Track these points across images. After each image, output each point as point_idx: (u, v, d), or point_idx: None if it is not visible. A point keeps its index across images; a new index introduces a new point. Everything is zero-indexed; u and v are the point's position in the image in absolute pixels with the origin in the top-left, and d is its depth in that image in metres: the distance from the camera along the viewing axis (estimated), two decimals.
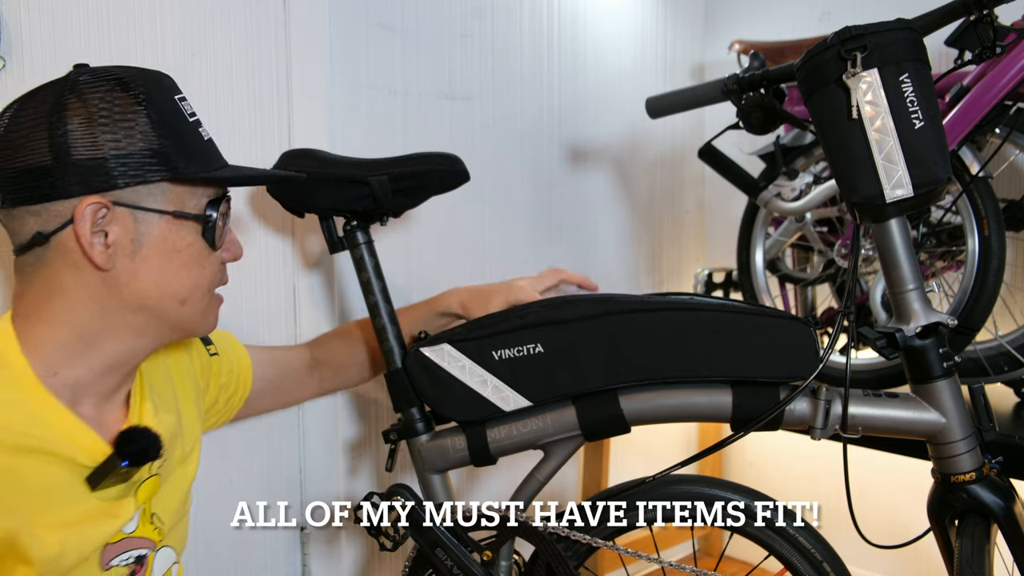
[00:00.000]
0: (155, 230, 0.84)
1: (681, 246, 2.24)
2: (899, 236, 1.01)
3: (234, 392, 1.15)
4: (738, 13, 2.19)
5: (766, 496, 1.13)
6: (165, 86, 0.86)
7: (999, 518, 1.02)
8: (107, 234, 0.81)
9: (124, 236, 0.82)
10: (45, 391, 0.81)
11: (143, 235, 0.83)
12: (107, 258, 0.81)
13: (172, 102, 0.85)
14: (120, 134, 0.79)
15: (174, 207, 0.84)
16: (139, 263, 0.83)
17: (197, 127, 0.87)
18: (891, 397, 1.04)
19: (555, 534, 1.11)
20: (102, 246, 0.81)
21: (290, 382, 1.25)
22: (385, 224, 1.23)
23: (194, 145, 0.85)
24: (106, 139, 0.79)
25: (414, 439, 1.19)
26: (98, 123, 0.79)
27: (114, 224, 0.81)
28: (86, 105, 0.79)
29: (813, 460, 2.04)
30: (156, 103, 0.82)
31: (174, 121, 0.83)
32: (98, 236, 0.81)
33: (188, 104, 0.87)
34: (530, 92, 1.82)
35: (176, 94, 0.86)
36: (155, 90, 0.83)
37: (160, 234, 0.84)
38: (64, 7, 1.16)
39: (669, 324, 1.07)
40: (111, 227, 0.81)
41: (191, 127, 0.86)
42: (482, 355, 1.11)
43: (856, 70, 0.95)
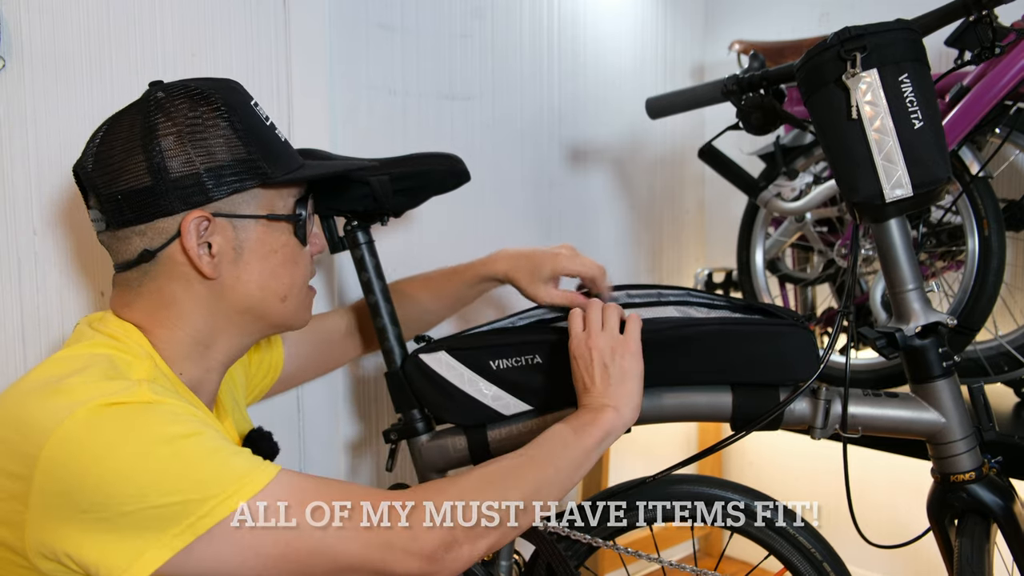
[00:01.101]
0: (253, 235, 0.87)
1: (681, 246, 2.24)
2: (899, 236, 1.01)
3: (266, 374, 1.17)
4: (738, 13, 2.19)
5: (766, 496, 1.13)
6: (240, 93, 0.88)
7: (999, 518, 1.02)
8: (211, 244, 0.84)
9: (227, 244, 0.86)
10: (183, 385, 0.86)
11: (243, 241, 0.87)
12: (214, 267, 0.85)
13: (250, 108, 0.88)
14: (210, 147, 0.82)
15: (267, 211, 0.88)
16: (242, 268, 0.87)
17: (274, 130, 0.90)
18: (891, 397, 1.04)
19: (555, 534, 1.11)
20: (208, 256, 0.85)
21: (329, 348, 1.26)
22: (386, 224, 1.23)
23: (276, 148, 0.88)
24: (198, 154, 0.82)
25: (414, 439, 1.19)
26: (188, 139, 0.82)
27: (216, 234, 0.84)
28: (174, 123, 0.82)
29: (813, 460, 2.04)
30: (237, 112, 0.85)
31: (255, 127, 0.86)
32: (203, 247, 0.84)
33: (262, 108, 0.90)
34: (530, 92, 1.82)
35: (250, 100, 0.89)
36: (233, 99, 0.86)
37: (258, 238, 0.87)
38: (64, 7, 1.16)
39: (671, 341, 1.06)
40: (214, 237, 0.84)
41: (269, 131, 0.89)
42: (480, 365, 1.11)
43: (856, 70, 0.95)
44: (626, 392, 0.97)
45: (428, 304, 1.28)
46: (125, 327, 0.86)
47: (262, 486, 0.74)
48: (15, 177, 1.14)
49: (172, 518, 0.70)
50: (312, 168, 0.93)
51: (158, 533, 0.69)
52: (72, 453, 0.69)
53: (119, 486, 0.69)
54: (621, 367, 0.98)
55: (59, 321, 1.18)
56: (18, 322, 1.15)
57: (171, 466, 0.71)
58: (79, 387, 0.74)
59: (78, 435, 0.70)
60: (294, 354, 1.20)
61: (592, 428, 0.94)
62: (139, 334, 0.85)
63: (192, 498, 0.71)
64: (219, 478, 0.73)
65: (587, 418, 0.95)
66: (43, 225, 1.16)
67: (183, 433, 0.74)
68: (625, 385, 0.97)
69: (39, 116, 1.15)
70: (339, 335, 1.26)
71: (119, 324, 0.86)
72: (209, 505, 0.71)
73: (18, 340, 1.15)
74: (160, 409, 0.75)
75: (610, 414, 0.95)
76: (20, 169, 1.14)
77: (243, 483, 0.73)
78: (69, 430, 0.70)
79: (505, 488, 0.86)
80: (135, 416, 0.73)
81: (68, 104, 1.17)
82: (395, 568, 0.78)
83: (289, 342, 1.19)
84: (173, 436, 0.73)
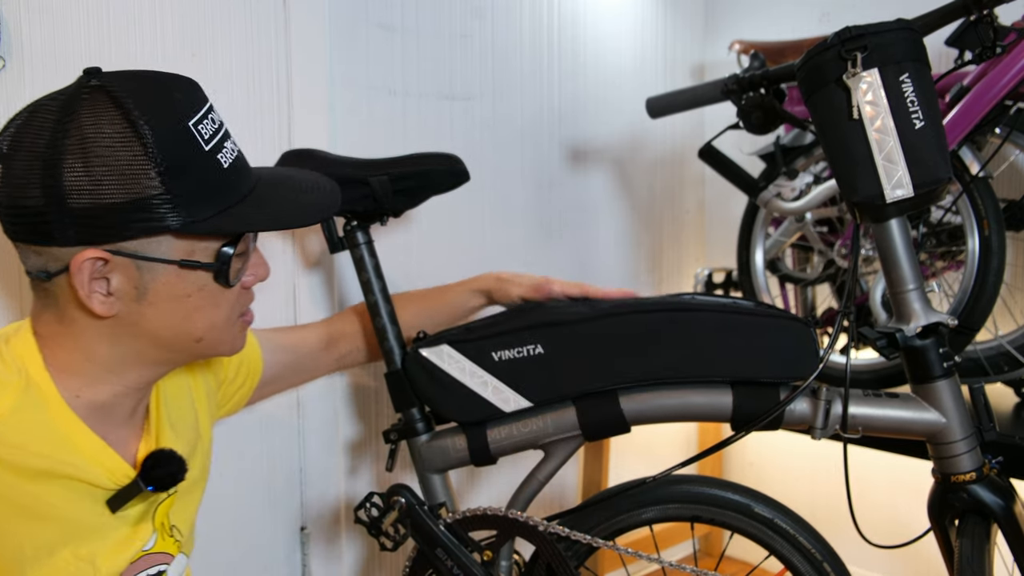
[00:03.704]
0: (161, 278, 0.78)
1: (681, 246, 2.24)
2: (899, 236, 1.01)
3: (243, 383, 1.13)
4: (738, 13, 2.19)
5: (766, 496, 1.13)
6: (178, 107, 0.76)
7: (999, 518, 1.02)
8: (109, 281, 0.76)
9: (127, 284, 0.77)
10: (71, 412, 0.79)
11: (148, 283, 0.77)
12: (108, 307, 0.77)
13: (184, 131, 0.75)
14: (119, 180, 0.72)
15: (181, 255, 0.78)
16: (146, 307, 0.79)
17: (215, 154, 0.78)
18: (891, 397, 1.04)
19: (555, 534, 1.11)
20: (103, 295, 0.76)
21: (306, 361, 1.23)
22: (385, 224, 1.23)
23: (207, 182, 0.77)
24: (106, 185, 0.72)
25: (414, 439, 1.19)
26: (96, 165, 0.72)
27: (116, 273, 0.76)
28: (84, 140, 0.72)
29: (813, 460, 2.04)
30: (162, 139, 0.73)
31: (183, 158, 0.75)
32: (100, 283, 0.76)
33: (209, 123, 0.78)
34: (530, 92, 1.82)
35: (191, 116, 0.77)
36: (163, 118, 0.75)
37: (167, 281, 0.78)
38: (64, 7, 1.16)
39: (669, 325, 1.07)
40: (113, 275, 0.76)
41: (206, 158, 0.77)
42: (482, 356, 1.11)
43: (856, 70, 0.95)
44: None
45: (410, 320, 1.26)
46: (25, 345, 0.79)
47: None
48: None
49: None
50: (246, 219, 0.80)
51: None
52: None
53: None
54: None
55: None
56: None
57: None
58: None
59: None
60: (272, 362, 1.16)
61: None
62: (35, 355, 0.79)
63: None
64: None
65: None
66: None
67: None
68: None
69: None
70: (315, 349, 1.24)
71: (22, 341, 0.80)
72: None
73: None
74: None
75: None
76: None
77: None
78: None
79: None
80: None
81: None
82: None
83: (266, 349, 1.16)
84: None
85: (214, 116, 0.80)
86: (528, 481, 1.15)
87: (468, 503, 1.74)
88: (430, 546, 1.12)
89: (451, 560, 1.12)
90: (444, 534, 1.12)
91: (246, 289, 0.88)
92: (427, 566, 1.14)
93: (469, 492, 1.76)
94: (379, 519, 1.13)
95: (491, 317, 1.15)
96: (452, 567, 1.12)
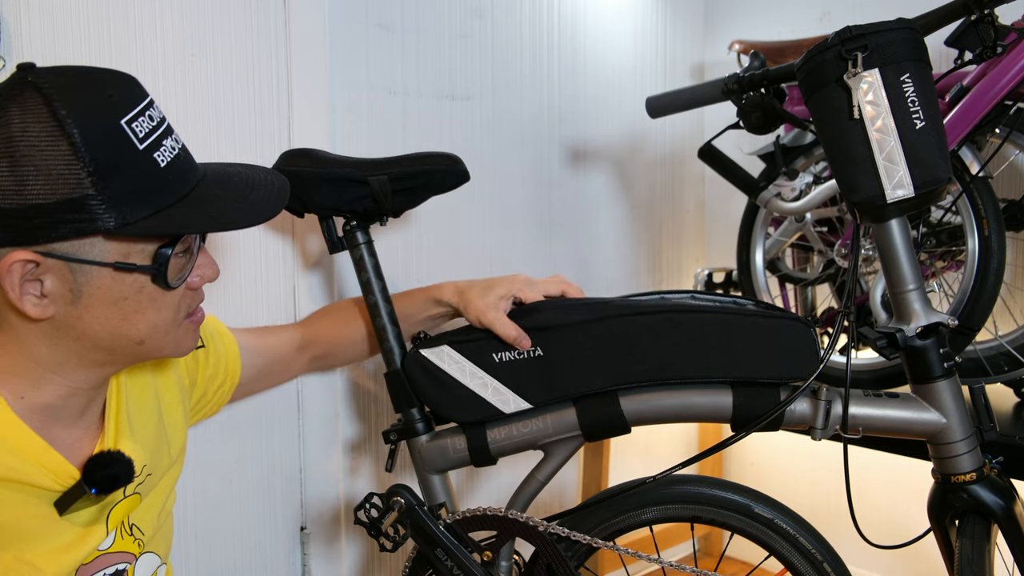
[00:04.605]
0: (95, 280, 0.75)
1: (681, 246, 2.24)
2: (899, 236, 1.01)
3: (223, 382, 1.12)
4: (738, 13, 2.19)
5: (766, 496, 1.13)
6: (110, 105, 0.74)
7: (999, 518, 1.02)
8: (42, 283, 0.74)
9: (61, 286, 0.75)
10: (13, 415, 0.78)
11: (82, 286, 0.75)
12: (41, 309, 0.75)
13: (115, 130, 0.73)
14: (46, 180, 0.70)
15: (115, 258, 0.75)
16: (82, 310, 0.76)
17: (151, 152, 0.75)
18: (891, 397, 1.04)
19: (555, 534, 1.11)
20: (35, 297, 0.74)
21: (279, 365, 1.23)
22: (385, 224, 1.23)
23: (140, 183, 0.74)
24: (32, 185, 0.70)
25: (414, 439, 1.19)
26: (22, 164, 0.69)
27: (48, 275, 0.74)
28: (11, 139, 0.70)
29: (813, 460, 2.04)
30: (91, 137, 0.71)
31: (114, 157, 0.72)
32: (32, 285, 0.74)
33: (145, 120, 0.76)
34: (530, 92, 1.82)
35: (125, 114, 0.74)
36: (93, 117, 0.72)
37: (102, 284, 0.76)
38: (64, 7, 1.16)
39: (670, 326, 1.07)
40: (45, 278, 0.74)
41: (140, 157, 0.74)
42: (482, 357, 1.11)
43: (857, 70, 0.95)
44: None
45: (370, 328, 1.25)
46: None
47: None
48: None
49: None
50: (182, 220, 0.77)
51: None
52: None
53: None
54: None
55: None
56: None
57: None
58: None
59: None
60: (250, 363, 1.15)
61: None
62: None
63: None
64: None
65: None
66: None
67: None
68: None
69: None
70: (290, 351, 1.24)
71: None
72: None
73: None
74: None
75: None
76: None
77: None
78: None
79: None
80: None
81: None
82: None
83: (244, 350, 1.15)
84: None
85: (152, 113, 0.77)
86: (528, 481, 1.15)
87: (468, 503, 1.74)
88: (430, 546, 1.12)
89: (451, 560, 1.12)
90: (444, 534, 1.12)
91: (192, 290, 0.85)
92: (427, 566, 1.14)
93: (469, 492, 1.76)
94: (379, 519, 1.13)
95: None
96: (452, 567, 1.12)
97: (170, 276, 0.79)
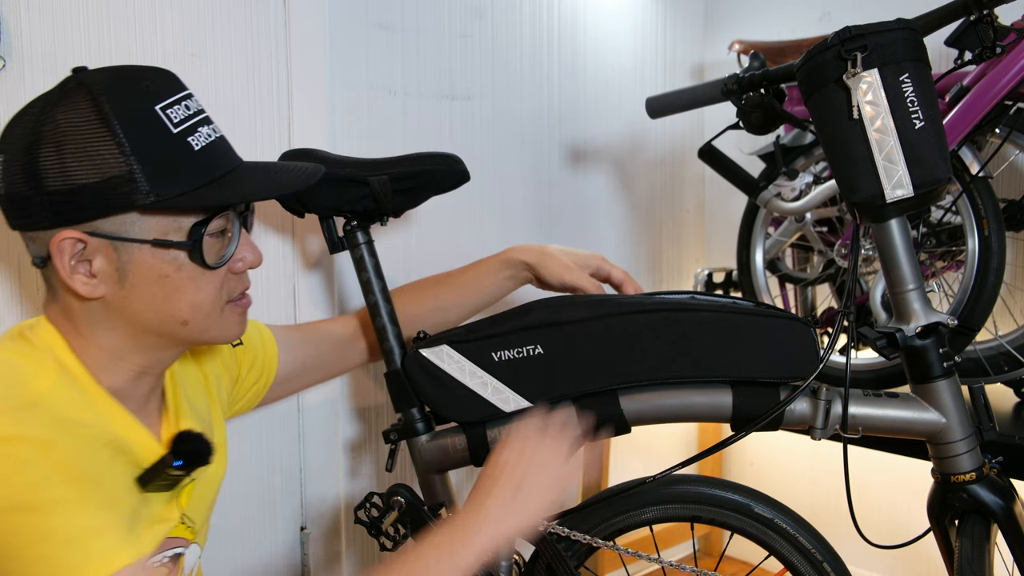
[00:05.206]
0: (137, 258, 0.80)
1: (681, 246, 2.24)
2: (899, 236, 1.01)
3: (257, 380, 1.13)
4: (738, 13, 2.19)
5: (766, 496, 1.13)
6: (147, 93, 0.79)
7: (999, 518, 1.02)
8: (91, 263, 0.79)
9: (108, 266, 0.79)
10: (101, 390, 0.82)
11: (126, 263, 0.79)
12: (91, 288, 0.79)
13: (150, 114, 0.78)
14: (90, 162, 0.75)
15: (155, 234, 0.80)
16: (128, 290, 0.80)
17: (186, 136, 0.80)
18: (891, 397, 1.04)
19: (555, 534, 1.11)
20: (85, 276, 0.79)
21: (330, 356, 1.23)
22: (385, 224, 1.23)
23: (175, 163, 0.79)
24: (75, 167, 0.75)
25: (414, 439, 1.19)
26: (67, 149, 0.75)
27: (97, 254, 0.78)
28: (57, 128, 0.76)
29: (813, 460, 2.04)
30: (128, 120, 0.76)
31: (150, 138, 0.77)
32: (83, 265, 0.79)
33: (180, 108, 0.81)
34: (530, 92, 1.82)
35: (160, 101, 0.79)
36: (130, 102, 0.78)
37: (144, 262, 0.80)
38: (64, 7, 1.16)
39: (669, 325, 1.07)
40: (95, 257, 0.79)
41: (176, 139, 0.79)
42: (482, 357, 1.11)
43: (856, 70, 0.95)
44: (522, 514, 0.92)
45: (443, 300, 1.25)
46: (48, 331, 0.82)
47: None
48: None
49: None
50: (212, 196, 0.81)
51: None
52: None
53: None
54: (536, 487, 0.93)
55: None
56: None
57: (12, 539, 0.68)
58: None
59: None
60: (291, 359, 1.17)
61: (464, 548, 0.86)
62: (59, 339, 0.82)
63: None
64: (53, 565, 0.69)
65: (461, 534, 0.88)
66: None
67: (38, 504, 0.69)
68: (526, 506, 0.92)
69: None
70: (341, 342, 1.24)
71: (44, 328, 0.83)
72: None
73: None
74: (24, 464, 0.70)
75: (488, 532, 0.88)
76: None
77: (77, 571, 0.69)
78: None
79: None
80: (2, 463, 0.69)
81: None
82: None
83: (284, 346, 1.16)
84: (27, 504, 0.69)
85: (190, 104, 0.82)
86: None
87: None
88: None
89: None
90: None
91: (236, 274, 0.88)
92: None
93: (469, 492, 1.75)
94: (379, 519, 1.13)
95: (491, 317, 1.15)
96: None
97: (208, 256, 0.83)
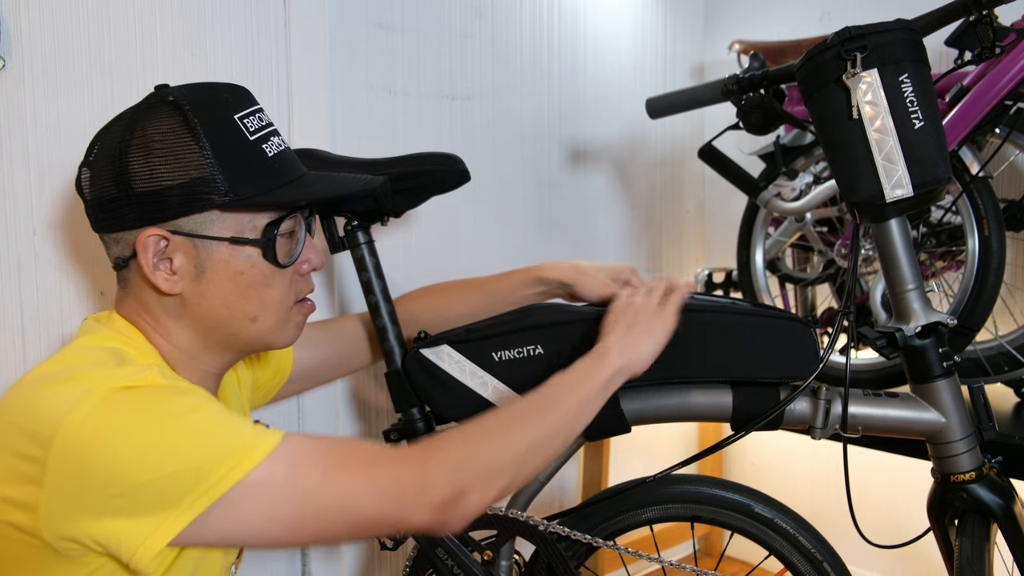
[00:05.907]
0: (215, 255, 0.85)
1: (681, 246, 2.24)
2: (899, 236, 1.01)
3: (273, 375, 1.16)
4: (738, 13, 2.19)
5: (766, 496, 1.13)
6: (225, 104, 0.86)
7: (999, 518, 1.02)
8: (172, 260, 0.84)
9: (187, 263, 0.85)
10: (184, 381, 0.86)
11: (204, 260, 0.85)
12: (172, 284, 0.85)
13: (229, 122, 0.85)
14: (175, 165, 0.82)
15: (232, 232, 0.86)
16: (205, 285, 0.86)
17: (261, 143, 0.87)
18: (891, 397, 1.04)
19: (555, 534, 1.11)
20: (167, 273, 0.85)
21: (344, 352, 1.24)
22: (386, 224, 1.23)
23: (251, 166, 0.85)
24: (161, 170, 0.82)
25: (414, 439, 1.19)
26: (155, 154, 0.82)
27: (178, 252, 0.84)
28: (145, 136, 0.82)
29: (813, 460, 2.04)
30: (209, 126, 0.83)
31: (229, 143, 0.84)
32: (164, 263, 0.84)
33: (255, 119, 0.87)
34: (530, 92, 1.82)
35: (238, 111, 0.86)
36: (211, 111, 0.84)
37: (221, 259, 0.86)
38: (64, 7, 1.16)
39: None
40: (175, 254, 0.84)
41: (251, 146, 0.86)
42: (482, 356, 1.11)
43: (856, 70, 0.95)
44: (639, 346, 0.99)
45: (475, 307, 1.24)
46: (128, 326, 0.87)
47: (270, 449, 0.75)
48: (15, 177, 1.14)
49: (186, 486, 0.71)
50: (289, 192, 0.88)
51: (174, 502, 0.71)
52: (87, 435, 0.71)
53: (134, 462, 0.70)
54: (647, 327, 1.01)
55: (59, 320, 1.18)
56: (18, 322, 1.15)
57: (182, 436, 0.73)
58: (91, 374, 0.75)
59: (92, 417, 0.71)
60: (306, 356, 1.19)
61: (597, 372, 0.95)
62: (137, 333, 0.87)
63: (204, 464, 0.72)
64: (230, 444, 0.74)
65: (591, 364, 0.96)
66: (43, 225, 1.16)
67: (192, 407, 0.76)
68: (641, 341, 1.00)
69: (39, 116, 1.15)
70: (356, 339, 1.25)
71: (124, 323, 0.88)
72: (222, 471, 0.72)
73: (18, 339, 1.15)
74: (169, 389, 0.77)
75: (614, 358, 0.96)
76: (20, 169, 1.14)
77: (254, 447, 0.74)
78: (83, 413, 0.71)
79: (512, 435, 0.87)
80: (146, 397, 0.75)
81: (68, 104, 1.17)
82: (408, 520, 0.79)
83: (300, 345, 1.18)
84: (183, 410, 0.75)
85: (262, 116, 0.89)
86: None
87: None
88: (430, 546, 1.13)
89: (451, 560, 1.12)
90: (444, 534, 1.12)
91: (301, 276, 0.94)
92: (427, 566, 1.14)
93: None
94: None
95: (492, 318, 1.15)
96: (452, 567, 1.12)
97: (279, 255, 0.89)
